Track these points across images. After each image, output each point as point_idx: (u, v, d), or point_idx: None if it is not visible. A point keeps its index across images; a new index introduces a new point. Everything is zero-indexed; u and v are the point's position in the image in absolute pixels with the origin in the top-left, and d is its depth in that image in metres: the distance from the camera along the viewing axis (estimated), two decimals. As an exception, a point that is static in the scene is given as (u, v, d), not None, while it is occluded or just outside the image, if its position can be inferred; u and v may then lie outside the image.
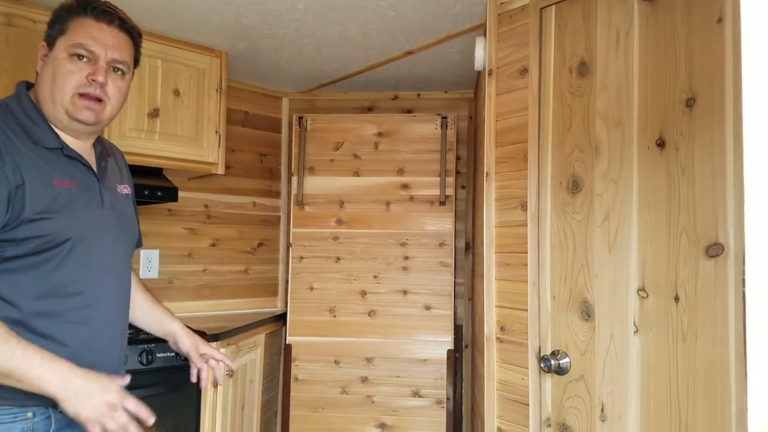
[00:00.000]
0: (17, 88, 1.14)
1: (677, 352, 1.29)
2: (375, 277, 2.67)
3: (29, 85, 1.16)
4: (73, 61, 1.10)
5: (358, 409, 2.62)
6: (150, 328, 1.38)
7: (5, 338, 0.96)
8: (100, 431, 0.97)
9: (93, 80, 1.10)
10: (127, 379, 1.07)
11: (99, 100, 1.12)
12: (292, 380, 2.64)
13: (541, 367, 1.51)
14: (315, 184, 2.72)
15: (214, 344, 2.01)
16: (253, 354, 2.36)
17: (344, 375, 2.63)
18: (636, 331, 1.35)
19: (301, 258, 2.71)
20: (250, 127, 2.87)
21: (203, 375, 1.34)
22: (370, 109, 2.94)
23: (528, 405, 1.56)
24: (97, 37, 1.11)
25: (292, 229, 2.72)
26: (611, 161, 1.41)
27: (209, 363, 1.35)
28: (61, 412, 1.05)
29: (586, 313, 1.45)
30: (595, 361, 1.42)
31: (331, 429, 2.61)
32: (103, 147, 1.24)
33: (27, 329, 1.02)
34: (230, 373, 2.10)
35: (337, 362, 2.64)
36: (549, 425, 1.52)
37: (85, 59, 1.11)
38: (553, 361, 1.48)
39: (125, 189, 1.28)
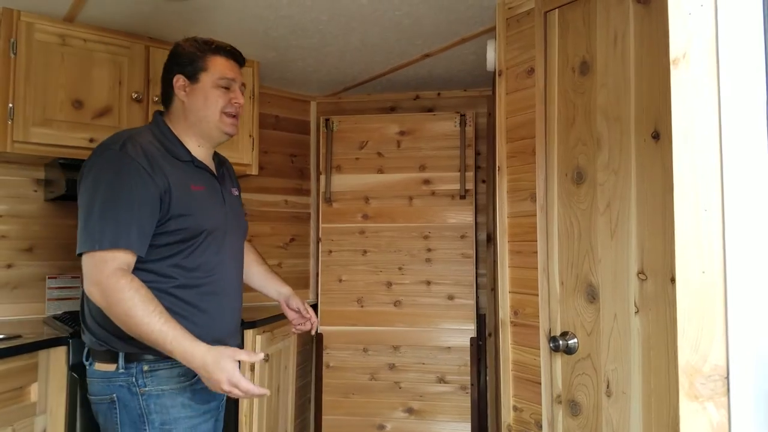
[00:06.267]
0: (155, 117, 1.49)
1: (674, 330, 1.37)
2: (400, 268, 2.79)
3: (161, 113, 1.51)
4: (219, 89, 1.45)
5: (386, 394, 2.74)
6: (267, 291, 1.76)
7: (166, 327, 1.22)
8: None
9: (236, 102, 1.47)
10: (250, 357, 1.31)
11: (236, 116, 1.48)
12: (324, 367, 2.79)
13: (551, 348, 1.59)
14: (342, 182, 2.86)
15: (250, 332, 2.19)
16: (286, 341, 2.53)
17: (373, 362, 2.77)
18: (637, 312, 1.41)
19: (330, 252, 2.86)
20: (281, 129, 3.03)
21: (305, 327, 1.70)
22: (392, 109, 3.06)
23: (540, 383, 1.64)
24: (233, 71, 1.48)
25: (321, 225, 2.87)
26: (611, 153, 1.48)
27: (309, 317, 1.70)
28: None
29: (592, 295, 1.53)
30: (601, 340, 1.49)
31: (361, 413, 2.75)
32: (218, 158, 1.58)
33: (176, 298, 1.34)
34: (266, 359, 2.27)
35: (365, 350, 2.78)
36: (560, 402, 1.60)
37: (224, 88, 1.46)
38: (562, 342, 1.56)
39: (235, 191, 1.61)
